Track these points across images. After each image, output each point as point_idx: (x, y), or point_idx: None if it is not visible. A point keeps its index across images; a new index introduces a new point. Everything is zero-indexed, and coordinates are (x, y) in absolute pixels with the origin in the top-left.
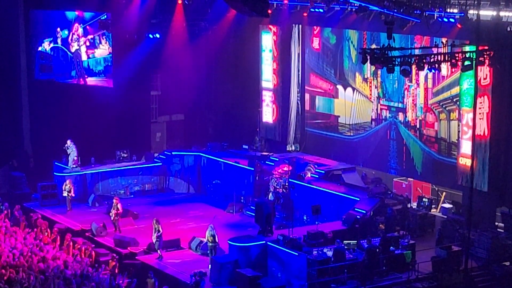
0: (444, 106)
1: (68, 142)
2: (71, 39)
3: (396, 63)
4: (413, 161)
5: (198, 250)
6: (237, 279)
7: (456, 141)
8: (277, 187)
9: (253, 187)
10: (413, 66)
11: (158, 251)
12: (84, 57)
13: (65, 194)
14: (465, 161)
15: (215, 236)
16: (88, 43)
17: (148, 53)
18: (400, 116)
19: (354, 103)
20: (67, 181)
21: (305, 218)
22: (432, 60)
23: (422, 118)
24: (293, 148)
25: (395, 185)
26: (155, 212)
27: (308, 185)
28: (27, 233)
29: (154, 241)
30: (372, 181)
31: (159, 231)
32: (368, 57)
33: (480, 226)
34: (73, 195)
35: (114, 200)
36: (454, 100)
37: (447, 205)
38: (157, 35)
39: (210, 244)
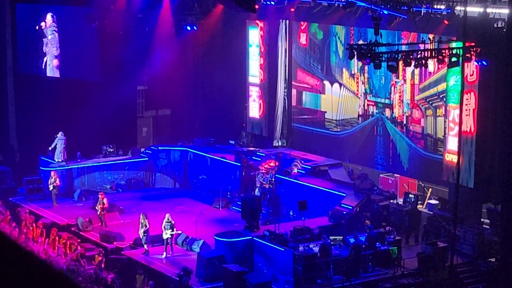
0: (430, 103)
1: (59, 134)
2: (53, 32)
3: (383, 59)
4: (399, 157)
5: (185, 245)
6: (223, 275)
7: (443, 138)
8: (264, 182)
9: (240, 182)
10: (400, 62)
11: (145, 246)
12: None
13: (51, 188)
14: (451, 158)
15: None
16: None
17: (135, 47)
18: (387, 112)
19: (341, 98)
20: (52, 173)
21: (291, 213)
22: (419, 56)
23: (408, 114)
24: (280, 143)
25: (381, 181)
26: (141, 207)
27: (295, 180)
28: (12, 228)
29: (141, 236)
30: (358, 176)
31: (146, 226)
32: (355, 53)
33: (466, 223)
34: (59, 184)
35: (100, 195)
36: (441, 96)
37: (433, 201)
38: (144, 30)
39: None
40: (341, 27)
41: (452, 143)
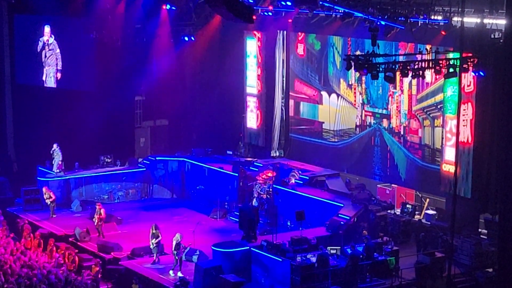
0: (428, 113)
1: (54, 146)
2: (53, 44)
3: (381, 69)
4: (397, 168)
5: (183, 255)
6: (221, 285)
7: (440, 148)
8: (261, 193)
9: (237, 192)
10: (397, 73)
11: (155, 255)
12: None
13: (48, 202)
14: (448, 168)
15: (177, 245)
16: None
17: (132, 58)
18: (385, 123)
19: (338, 109)
20: (44, 189)
21: (289, 224)
22: (416, 67)
23: (406, 125)
24: (277, 154)
25: (379, 191)
26: (138, 217)
27: (292, 191)
28: (10, 238)
29: (152, 246)
30: (356, 187)
31: (158, 236)
32: (353, 64)
33: (463, 233)
34: (54, 197)
35: (97, 206)
36: (438, 107)
37: (430, 212)
38: (142, 40)
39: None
40: (338, 37)
41: (450, 154)
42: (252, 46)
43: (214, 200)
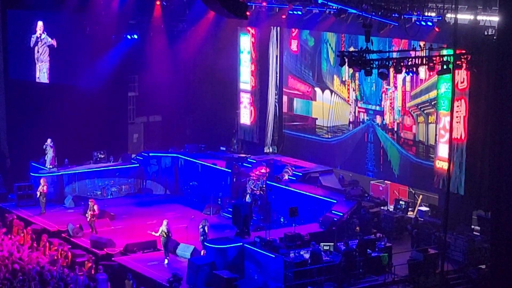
0: (422, 109)
1: (48, 141)
2: (43, 39)
3: (374, 66)
4: (390, 164)
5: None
6: (214, 281)
7: (434, 144)
8: (255, 189)
9: (231, 188)
10: (391, 69)
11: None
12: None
13: (38, 194)
14: (442, 164)
15: (168, 231)
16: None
17: (126, 54)
18: (378, 119)
19: (332, 105)
20: (41, 180)
21: (282, 220)
22: (410, 63)
23: (399, 121)
24: (271, 150)
25: (372, 188)
26: (131, 213)
27: (286, 187)
28: (3, 234)
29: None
30: (349, 183)
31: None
32: (346, 60)
33: (456, 229)
34: (46, 191)
35: (90, 201)
36: (432, 103)
37: (423, 208)
38: (135, 36)
39: (164, 238)
40: (332, 34)
41: (443, 150)
42: (246, 42)
43: (207, 196)
